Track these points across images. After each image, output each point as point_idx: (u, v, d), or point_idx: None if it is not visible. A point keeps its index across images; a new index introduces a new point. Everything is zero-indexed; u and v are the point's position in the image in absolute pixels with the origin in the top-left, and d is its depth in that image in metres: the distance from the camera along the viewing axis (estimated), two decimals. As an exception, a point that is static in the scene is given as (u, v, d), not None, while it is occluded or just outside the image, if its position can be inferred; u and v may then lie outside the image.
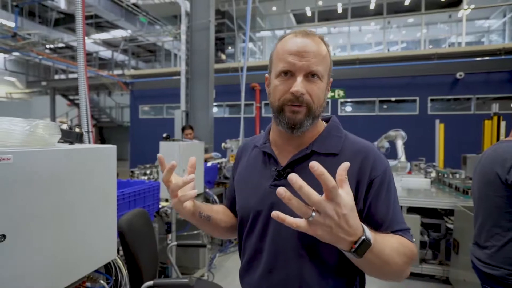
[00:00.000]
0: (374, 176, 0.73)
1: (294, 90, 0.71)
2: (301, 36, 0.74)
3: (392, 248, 0.64)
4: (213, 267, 3.33)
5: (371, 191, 0.73)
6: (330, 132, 0.81)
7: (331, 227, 0.53)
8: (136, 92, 10.00)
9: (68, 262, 1.07)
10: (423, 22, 8.22)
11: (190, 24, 5.37)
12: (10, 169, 0.87)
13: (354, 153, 0.76)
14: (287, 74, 0.73)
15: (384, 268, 0.63)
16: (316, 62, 0.72)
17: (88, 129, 1.43)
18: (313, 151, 0.77)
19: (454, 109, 7.40)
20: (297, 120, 0.73)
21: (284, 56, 0.74)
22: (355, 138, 0.81)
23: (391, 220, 0.73)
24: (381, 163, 0.76)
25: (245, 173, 0.89)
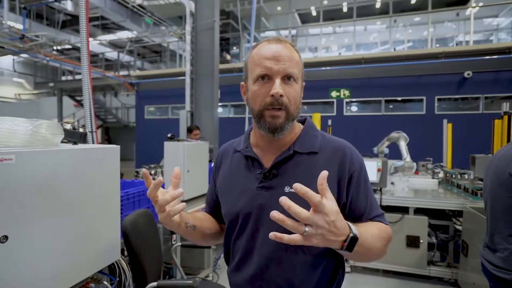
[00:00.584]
0: (353, 170, 0.81)
1: (274, 92, 0.74)
2: (274, 43, 0.79)
3: (373, 235, 0.72)
4: (217, 268, 3.32)
5: (351, 185, 0.80)
6: (308, 132, 0.86)
7: (324, 234, 0.59)
8: (142, 93, 10.05)
9: (71, 262, 1.07)
10: (430, 20, 8.11)
11: (195, 24, 5.37)
12: (12, 169, 0.87)
13: (333, 150, 0.82)
14: (264, 79, 0.77)
15: (368, 254, 0.73)
16: (291, 65, 0.76)
17: (92, 129, 1.43)
18: (295, 151, 0.82)
19: (462, 108, 7.29)
20: (278, 124, 0.77)
21: (260, 61, 0.77)
22: (330, 137, 0.88)
23: (370, 208, 0.82)
24: (357, 158, 0.83)
25: (229, 178, 0.90)
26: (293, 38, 10.43)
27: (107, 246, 1.24)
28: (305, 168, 0.80)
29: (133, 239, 1.59)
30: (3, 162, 0.84)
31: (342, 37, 12.30)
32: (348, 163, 0.81)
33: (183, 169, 2.56)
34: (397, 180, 3.42)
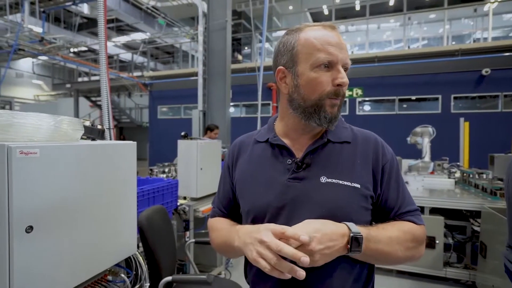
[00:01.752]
0: (385, 161, 0.78)
1: (343, 81, 0.72)
2: (330, 30, 0.75)
3: (390, 238, 0.69)
4: (230, 266, 3.34)
5: (384, 177, 0.77)
6: (338, 124, 0.81)
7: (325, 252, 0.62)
8: (155, 93, 10.21)
9: (91, 254, 1.10)
10: (446, 17, 7.91)
11: (207, 24, 5.42)
12: (37, 162, 0.90)
13: (365, 140, 0.80)
14: (327, 66, 0.72)
15: (388, 257, 0.70)
16: (348, 56, 0.75)
17: (109, 126, 1.47)
18: (328, 140, 0.79)
19: (479, 107, 7.09)
20: (335, 113, 0.75)
21: (324, 47, 0.71)
22: (359, 129, 0.86)
23: (402, 203, 0.77)
24: (389, 149, 0.81)
25: (252, 170, 0.83)
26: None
27: (125, 240, 1.27)
28: (340, 157, 0.77)
29: (149, 234, 1.63)
30: (28, 155, 0.87)
31: (354, 35, 12.15)
32: (381, 154, 0.78)
33: (196, 166, 2.59)
34: (412, 179, 3.36)
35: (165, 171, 3.03)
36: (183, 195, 2.63)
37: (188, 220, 2.51)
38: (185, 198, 2.67)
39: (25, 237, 0.88)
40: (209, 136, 4.41)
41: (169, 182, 2.31)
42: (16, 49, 6.63)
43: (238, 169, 0.87)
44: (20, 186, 0.86)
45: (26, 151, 0.87)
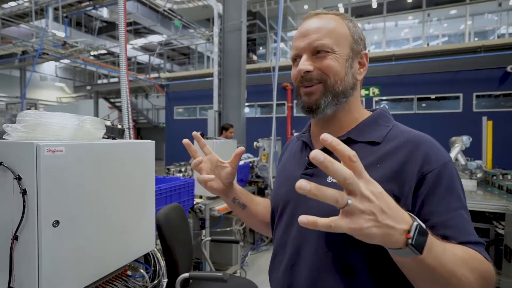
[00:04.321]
0: (428, 170, 0.59)
1: (298, 70, 0.70)
2: (307, 19, 0.73)
3: (456, 256, 0.49)
4: (245, 265, 3.36)
5: (422, 189, 0.59)
6: (376, 120, 0.72)
7: (375, 214, 0.42)
8: (171, 94, 10.39)
9: (112, 249, 1.14)
10: (468, 13, 7.65)
11: (223, 25, 5.47)
12: (62, 160, 0.95)
13: (402, 142, 0.64)
14: (297, 60, 0.72)
15: (449, 283, 0.49)
16: (319, 36, 0.68)
17: (129, 126, 1.52)
18: (349, 138, 0.70)
19: (504, 105, 6.80)
20: (312, 101, 0.69)
21: (293, 44, 0.73)
22: (406, 128, 0.70)
23: (454, 228, 0.56)
24: (438, 155, 0.61)
25: (284, 164, 0.87)
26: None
27: (144, 236, 1.31)
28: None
29: (166, 231, 1.66)
30: (55, 153, 0.92)
31: (371, 34, 11.93)
32: (421, 160, 0.60)
33: (212, 166, 2.62)
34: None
35: (182, 170, 3.08)
36: (199, 194, 2.67)
37: (204, 218, 2.55)
38: (201, 197, 2.70)
39: (52, 231, 0.92)
40: (225, 135, 4.46)
41: (185, 181, 2.35)
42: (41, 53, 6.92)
43: (280, 164, 0.93)
44: (47, 182, 0.91)
45: (53, 149, 0.91)
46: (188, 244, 1.90)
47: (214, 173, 0.81)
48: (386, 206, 0.43)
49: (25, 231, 0.90)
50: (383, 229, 0.42)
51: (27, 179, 0.89)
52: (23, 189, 0.88)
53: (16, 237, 0.90)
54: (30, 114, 0.98)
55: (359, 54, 0.72)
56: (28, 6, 8.01)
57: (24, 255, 0.90)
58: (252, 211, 0.89)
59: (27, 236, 0.90)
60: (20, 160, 0.90)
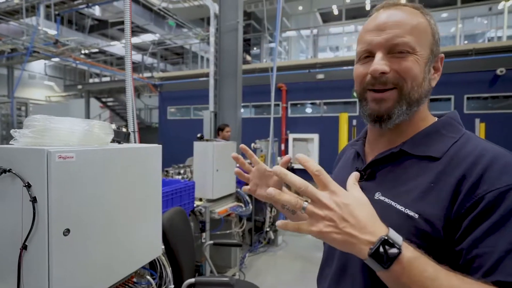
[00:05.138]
0: (486, 190, 0.49)
1: (371, 70, 0.59)
2: (383, 10, 0.63)
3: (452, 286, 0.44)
4: (244, 267, 3.35)
5: (474, 212, 0.49)
6: (439, 131, 0.61)
7: (334, 221, 0.45)
8: (165, 94, 10.29)
9: (121, 256, 1.12)
10: (459, 16, 7.79)
11: (219, 26, 5.45)
12: (73, 166, 0.92)
13: (462, 156, 0.55)
14: (368, 57, 0.62)
15: None
16: (401, 32, 0.58)
17: (134, 129, 1.49)
18: (402, 150, 0.61)
19: (492, 107, 6.96)
20: (383, 110, 0.60)
21: (362, 36, 0.63)
22: (478, 140, 0.58)
23: (501, 264, 0.45)
24: (505, 174, 0.50)
25: (336, 173, 0.83)
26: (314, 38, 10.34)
27: (152, 242, 1.29)
28: (410, 176, 0.58)
29: (170, 236, 1.64)
30: (66, 159, 0.89)
31: (364, 35, 12.00)
32: (478, 176, 0.51)
33: (212, 168, 2.61)
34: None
35: (181, 173, 3.05)
36: (198, 197, 2.65)
37: (204, 221, 2.53)
38: (201, 199, 2.68)
39: (62, 240, 0.90)
40: (222, 136, 4.44)
41: (186, 183, 2.33)
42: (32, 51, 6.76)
43: (333, 173, 0.88)
44: (58, 189, 0.88)
45: (64, 156, 0.89)
46: (191, 248, 1.88)
47: (261, 181, 0.79)
48: (350, 215, 0.46)
49: (35, 240, 0.87)
50: (343, 236, 0.45)
51: (37, 186, 0.86)
52: (33, 197, 0.85)
53: (25, 246, 0.87)
54: (38, 119, 0.95)
55: (436, 57, 0.63)
56: (18, 3, 7.82)
57: (33, 265, 0.87)
58: (300, 216, 0.87)
59: (36, 245, 0.87)
60: (30, 167, 0.87)
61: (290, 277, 3.23)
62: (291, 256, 3.78)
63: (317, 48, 10.78)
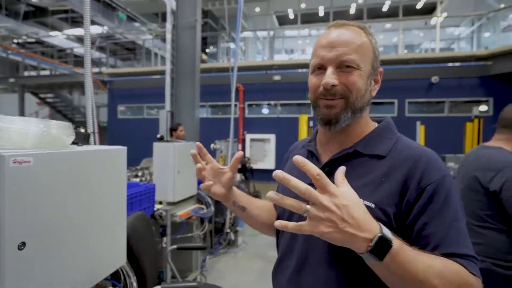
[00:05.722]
0: (426, 183, 0.63)
1: (323, 83, 0.68)
2: (334, 28, 0.73)
3: (429, 267, 0.54)
4: (205, 270, 3.29)
5: (420, 201, 0.62)
6: (381, 134, 0.74)
7: (335, 222, 0.50)
8: (115, 91, 9.67)
9: (84, 269, 1.03)
10: (401, 27, 8.57)
11: (176, 22, 5.27)
12: (31, 172, 0.82)
13: (405, 156, 0.67)
14: (320, 69, 0.71)
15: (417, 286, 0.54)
16: (348, 51, 0.68)
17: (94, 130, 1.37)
18: (356, 151, 0.71)
19: (427, 111, 7.80)
20: (333, 114, 0.70)
21: (316, 51, 0.72)
22: (410, 142, 0.73)
23: (443, 240, 0.59)
24: (437, 170, 0.65)
25: (289, 171, 0.86)
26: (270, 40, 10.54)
27: (116, 251, 1.21)
28: (364, 172, 0.69)
29: (133, 243, 1.55)
30: (22, 164, 0.79)
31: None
32: (421, 173, 0.64)
33: (173, 170, 2.52)
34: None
35: (138, 175, 2.89)
36: (158, 200, 2.54)
37: (165, 225, 2.43)
38: (161, 202, 2.58)
39: (17, 255, 0.79)
40: (176, 135, 4.32)
41: (146, 186, 2.21)
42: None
43: (285, 170, 0.92)
44: (13, 198, 0.78)
45: (20, 160, 0.79)
46: (154, 254, 1.80)
47: (215, 179, 0.85)
48: (349, 216, 0.51)
49: (-17, 257, 0.76)
50: (344, 235, 0.51)
51: (-14, 195, 0.75)
52: (-19, 208, 0.74)
53: (-30, 265, 0.76)
54: (-16, 118, 0.84)
55: (375, 71, 0.74)
56: None
57: (-19, 286, 0.76)
58: (251, 213, 0.91)
59: (-15, 263, 0.76)
60: (-23, 174, 0.76)
61: (251, 277, 3.25)
62: (252, 256, 3.81)
63: (273, 50, 11.01)
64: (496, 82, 7.03)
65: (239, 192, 0.90)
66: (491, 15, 8.08)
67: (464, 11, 9.42)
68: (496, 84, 7.04)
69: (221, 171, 0.83)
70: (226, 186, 0.84)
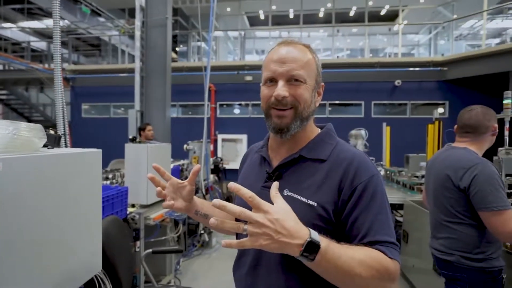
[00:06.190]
0: (357, 183, 0.73)
1: (275, 94, 0.76)
2: (284, 45, 0.81)
3: (352, 258, 0.63)
4: (178, 273, 3.24)
5: (352, 198, 0.72)
6: (323, 139, 0.83)
7: (271, 235, 0.57)
8: (78, 89, 9.14)
9: (57, 279, 0.97)
10: (367, 32, 8.98)
11: (146, 19, 5.11)
12: (1, 178, 0.77)
13: (341, 159, 0.77)
14: (272, 81, 0.78)
15: (345, 279, 0.64)
16: (297, 67, 0.76)
17: (64, 131, 1.29)
18: (301, 156, 0.80)
19: (390, 112, 8.25)
20: (284, 124, 0.78)
21: (267, 64, 0.80)
22: (345, 146, 0.83)
23: (370, 229, 0.70)
24: (366, 171, 0.75)
25: (244, 175, 0.95)
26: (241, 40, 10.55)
27: (91, 258, 1.16)
28: (308, 174, 0.78)
29: (108, 248, 1.49)
30: (-8, 170, 0.74)
31: (287, 42, 12.77)
32: (353, 175, 0.74)
33: (146, 172, 2.45)
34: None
35: (109, 177, 2.77)
36: (131, 203, 2.46)
37: (138, 229, 2.36)
38: (134, 205, 2.49)
39: (-14, 267, 0.74)
40: (145, 136, 4.20)
41: (118, 189, 2.13)
42: None
43: (240, 173, 0.99)
44: (-19, 207, 0.73)
45: (-10, 166, 0.74)
46: (128, 260, 1.74)
47: (176, 194, 0.87)
48: (281, 228, 0.58)
49: None
50: (279, 244, 0.58)
51: (-50, 204, 0.70)
52: None
53: None
54: None
55: (318, 85, 0.84)
56: None
57: None
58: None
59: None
60: None
61: (227, 278, 3.23)
62: (226, 257, 3.80)
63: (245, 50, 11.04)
64: (451, 87, 7.61)
65: (200, 201, 0.93)
66: (446, 24, 8.73)
67: (422, 19, 10.08)
68: (451, 88, 7.61)
69: (181, 185, 0.86)
70: (187, 199, 0.87)
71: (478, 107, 1.54)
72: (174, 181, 0.86)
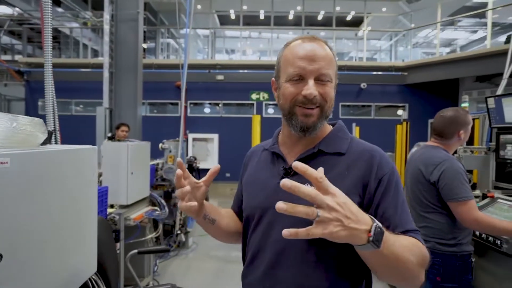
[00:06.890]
0: (382, 174, 0.74)
1: (307, 93, 0.73)
2: (308, 41, 0.78)
3: (402, 245, 0.63)
4: (156, 275, 3.15)
5: (378, 190, 0.73)
6: (337, 134, 0.84)
7: (341, 220, 0.53)
8: (34, 84, 8.47)
9: (59, 279, 0.93)
10: (334, 36, 9.35)
11: (115, 13, 4.88)
12: (7, 175, 0.73)
13: (360, 152, 0.78)
14: (298, 79, 0.76)
15: (399, 266, 0.63)
16: (325, 65, 0.75)
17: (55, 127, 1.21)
18: (320, 150, 0.80)
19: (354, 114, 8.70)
20: (310, 122, 0.76)
21: (294, 61, 0.76)
22: (361, 140, 0.84)
23: (400, 220, 0.72)
24: (388, 163, 0.77)
25: (254, 174, 0.90)
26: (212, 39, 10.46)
27: (88, 259, 1.12)
28: (328, 168, 0.72)
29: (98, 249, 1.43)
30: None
31: (257, 42, 12.96)
32: (376, 167, 0.75)
33: (126, 171, 2.36)
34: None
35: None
36: (110, 203, 2.36)
37: (118, 230, 2.27)
38: (113, 206, 2.39)
39: (-6, 268, 0.70)
40: (117, 135, 4.03)
41: (99, 189, 2.04)
42: None
43: (246, 174, 0.95)
44: (-10, 205, 0.68)
45: (-1, 161, 0.69)
46: (116, 261, 1.68)
47: (191, 195, 0.77)
48: (350, 212, 0.55)
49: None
50: (349, 231, 0.54)
51: (-44, 203, 0.65)
52: (-49, 218, 0.64)
53: None
54: None
55: (336, 82, 0.83)
56: None
57: None
58: (220, 224, 0.89)
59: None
60: None
61: (205, 278, 3.22)
62: (203, 257, 3.77)
63: (215, 49, 10.95)
64: (410, 90, 8.20)
65: (208, 205, 0.86)
66: (405, 32, 9.38)
67: (384, 27, 10.73)
68: (410, 92, 8.21)
69: (197, 185, 0.77)
70: (200, 201, 0.78)
71: (449, 112, 1.66)
72: (192, 180, 0.77)
